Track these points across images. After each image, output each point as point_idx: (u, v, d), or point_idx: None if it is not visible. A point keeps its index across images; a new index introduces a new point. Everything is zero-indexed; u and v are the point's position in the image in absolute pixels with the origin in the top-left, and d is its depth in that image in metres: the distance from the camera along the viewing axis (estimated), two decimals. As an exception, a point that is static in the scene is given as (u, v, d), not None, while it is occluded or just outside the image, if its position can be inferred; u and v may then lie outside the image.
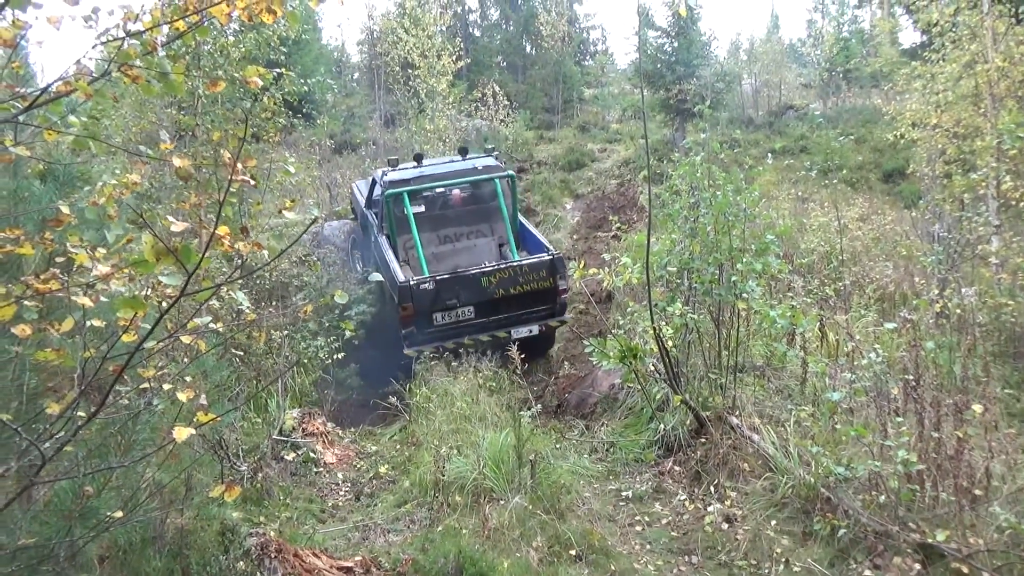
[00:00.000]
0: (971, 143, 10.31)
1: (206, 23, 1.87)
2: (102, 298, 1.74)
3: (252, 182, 1.84)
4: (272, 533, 4.13)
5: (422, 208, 9.65)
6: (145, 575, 2.28)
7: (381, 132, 22.82)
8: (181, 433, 1.77)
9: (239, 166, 1.86)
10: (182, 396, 1.95)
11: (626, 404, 7.08)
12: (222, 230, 1.70)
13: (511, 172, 10.18)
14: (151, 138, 11.79)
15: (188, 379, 2.22)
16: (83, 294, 1.65)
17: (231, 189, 1.77)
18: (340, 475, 5.96)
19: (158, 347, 1.80)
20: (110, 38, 1.71)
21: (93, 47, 1.75)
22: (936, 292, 7.70)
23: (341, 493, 5.71)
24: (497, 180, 9.83)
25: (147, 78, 1.70)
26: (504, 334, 8.53)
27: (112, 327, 2.13)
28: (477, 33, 33.41)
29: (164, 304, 1.71)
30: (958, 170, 10.33)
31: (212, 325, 1.99)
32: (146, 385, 1.95)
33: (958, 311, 6.99)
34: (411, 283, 8.29)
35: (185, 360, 2.33)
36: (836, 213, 11.52)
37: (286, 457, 5.85)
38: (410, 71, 18.66)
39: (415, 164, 10.33)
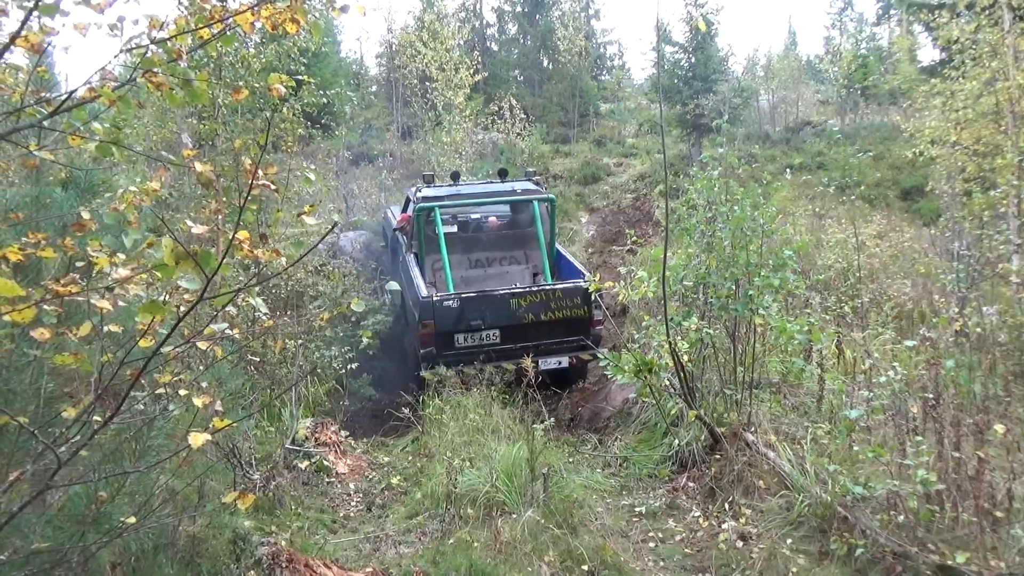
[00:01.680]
0: (991, 161, 10.23)
1: (230, 32, 1.88)
2: (120, 303, 1.74)
3: (273, 187, 1.85)
4: (283, 543, 4.12)
5: (454, 229, 9.37)
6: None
7: (398, 144, 22.95)
8: (197, 439, 1.77)
9: (260, 172, 1.87)
10: (198, 402, 1.96)
11: (640, 419, 7.04)
12: (242, 235, 1.70)
13: (551, 196, 9.73)
14: (171, 147, 11.94)
15: (204, 385, 2.22)
16: (102, 298, 1.66)
17: (251, 195, 1.78)
18: (352, 485, 5.95)
19: (175, 353, 1.80)
20: (135, 45, 1.73)
21: (117, 55, 1.77)
22: (956, 310, 7.61)
23: (353, 504, 5.70)
24: (536, 203, 9.37)
25: (171, 85, 1.72)
26: (531, 364, 8.12)
27: (129, 332, 2.14)
28: (495, 47, 33.60)
29: (183, 309, 1.72)
30: (978, 188, 10.25)
31: (228, 332, 1.99)
32: (162, 391, 1.95)
33: (978, 330, 6.90)
34: (434, 299, 7.87)
35: (200, 367, 2.33)
36: (853, 230, 11.45)
37: (299, 466, 5.85)
38: (428, 84, 18.78)
39: (451, 183, 10.12)
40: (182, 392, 2.12)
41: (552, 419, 6.27)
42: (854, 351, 7.30)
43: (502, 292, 8.11)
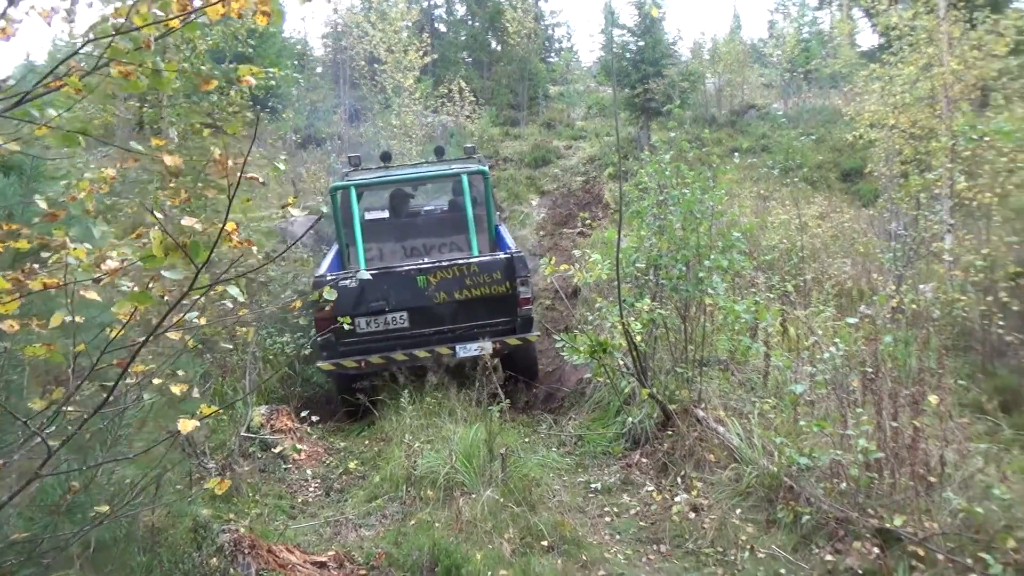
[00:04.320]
0: (927, 144, 10.63)
1: (195, 19, 1.87)
2: (96, 295, 1.73)
3: (261, 181, 1.85)
4: (243, 530, 4.12)
5: (385, 215, 8.69)
6: (129, 569, 2.26)
7: (346, 127, 22.63)
8: (186, 425, 1.78)
9: (231, 163, 1.87)
10: (175, 389, 1.96)
11: (594, 399, 7.19)
12: (230, 226, 1.71)
13: (483, 168, 8.60)
14: (110, 131, 11.58)
15: (180, 373, 2.21)
16: (88, 288, 1.65)
17: (238, 188, 1.77)
18: (309, 472, 5.95)
19: (148, 341, 1.80)
20: (99, 35, 1.70)
21: (82, 44, 1.73)
22: (893, 288, 7.94)
23: (311, 489, 5.70)
24: (464, 176, 8.18)
25: (138, 75, 1.70)
26: (447, 350, 7.06)
27: (90, 323, 2.12)
28: (443, 28, 33.31)
29: (167, 299, 1.72)
30: (914, 170, 10.65)
31: (195, 321, 1.99)
32: (132, 380, 1.94)
33: (913, 306, 7.22)
34: (328, 278, 6.94)
35: (164, 357, 2.32)
36: (796, 211, 11.79)
37: (255, 454, 5.82)
38: (376, 66, 18.56)
39: (381, 164, 9.09)
40: (156, 381, 2.13)
41: (508, 401, 6.35)
42: (797, 329, 7.57)
43: (406, 268, 7.16)
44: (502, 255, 7.40)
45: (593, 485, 5.53)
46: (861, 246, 11.82)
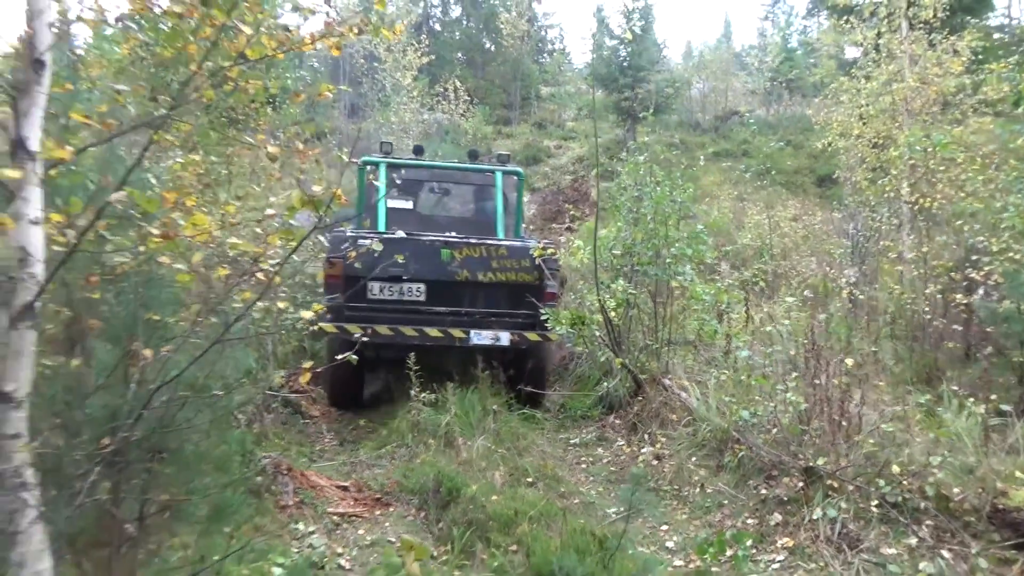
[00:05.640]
0: (887, 152, 11.57)
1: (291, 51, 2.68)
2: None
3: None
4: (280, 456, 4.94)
5: (409, 204, 8.19)
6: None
7: (345, 123, 23.38)
8: (305, 376, 2.63)
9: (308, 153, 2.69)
10: (306, 314, 2.80)
11: (575, 373, 8.06)
12: (337, 193, 2.50)
13: (518, 170, 8.43)
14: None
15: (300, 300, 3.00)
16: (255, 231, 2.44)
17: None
18: (324, 426, 6.75)
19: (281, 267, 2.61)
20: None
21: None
22: (844, 281, 8.86)
23: (326, 440, 6.50)
24: (499, 175, 8.02)
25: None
26: (461, 334, 6.58)
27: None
28: (438, 28, 34.09)
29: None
30: (872, 177, 11.60)
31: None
32: (239, 304, 2.70)
33: (861, 297, 8.14)
34: (347, 233, 6.53)
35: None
36: (768, 213, 12.73)
37: (277, 409, 6.62)
38: (375, 64, 19.34)
39: (413, 157, 8.69)
40: (281, 304, 2.97)
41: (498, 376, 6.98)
42: (760, 316, 8.47)
43: (431, 238, 6.75)
44: (532, 243, 7.00)
45: (572, 441, 6.40)
46: (829, 246, 12.79)
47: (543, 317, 6.56)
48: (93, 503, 2.50)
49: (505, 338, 6.62)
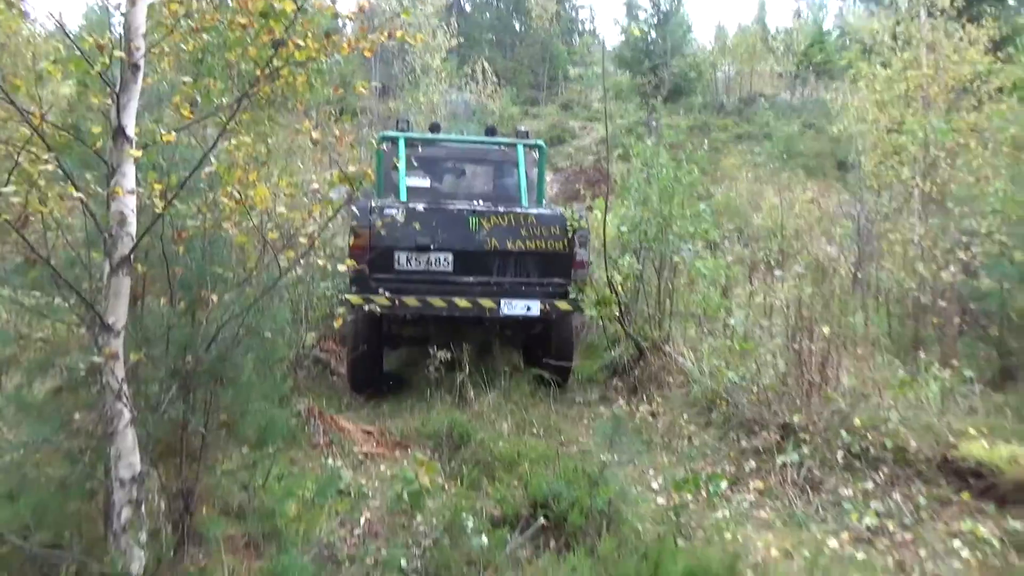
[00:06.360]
0: (899, 138, 11.86)
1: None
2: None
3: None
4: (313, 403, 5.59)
5: (426, 182, 7.97)
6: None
7: (376, 102, 23.97)
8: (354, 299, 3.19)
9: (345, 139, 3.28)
10: (341, 267, 3.41)
11: (585, 341, 8.65)
12: (367, 172, 3.07)
13: (540, 142, 8.34)
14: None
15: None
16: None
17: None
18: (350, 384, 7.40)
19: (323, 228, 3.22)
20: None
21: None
22: (848, 262, 9.29)
23: (352, 396, 7.15)
24: (521, 147, 7.92)
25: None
26: (491, 303, 6.50)
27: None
28: (468, 8, 34.47)
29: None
30: (889, 160, 11.91)
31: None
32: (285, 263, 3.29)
33: (859, 276, 8.59)
34: (373, 204, 6.48)
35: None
36: (782, 195, 13.09)
37: (308, 366, 7.29)
38: (406, 45, 19.85)
39: (430, 132, 8.62)
40: (320, 261, 3.60)
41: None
42: (763, 291, 8.94)
43: (459, 207, 6.75)
44: (561, 211, 6.96)
45: (577, 400, 6.99)
46: (840, 227, 13.13)
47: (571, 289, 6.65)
48: (170, 416, 3.14)
49: (536, 308, 6.58)
